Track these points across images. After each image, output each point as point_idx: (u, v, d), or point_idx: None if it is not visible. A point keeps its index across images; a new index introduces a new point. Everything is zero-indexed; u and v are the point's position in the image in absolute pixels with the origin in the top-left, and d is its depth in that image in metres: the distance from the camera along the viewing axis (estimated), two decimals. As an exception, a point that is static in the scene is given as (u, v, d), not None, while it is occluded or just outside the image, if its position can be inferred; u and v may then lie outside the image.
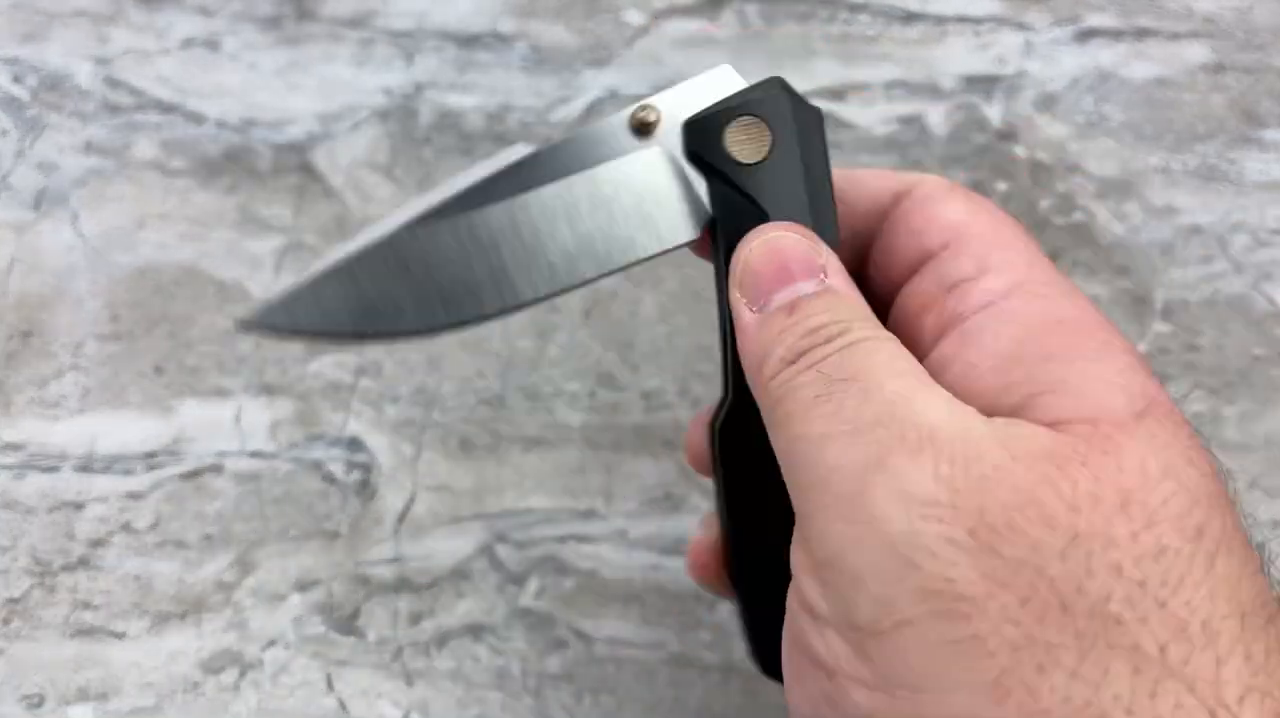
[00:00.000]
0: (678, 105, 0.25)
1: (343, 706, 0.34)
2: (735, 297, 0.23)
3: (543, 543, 0.36)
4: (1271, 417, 0.38)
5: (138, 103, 0.43)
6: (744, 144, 0.24)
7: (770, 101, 0.24)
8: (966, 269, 0.22)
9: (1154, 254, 0.41)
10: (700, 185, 0.25)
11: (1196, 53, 0.44)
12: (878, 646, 0.18)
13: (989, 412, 0.20)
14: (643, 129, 0.25)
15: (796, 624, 0.20)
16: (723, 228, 0.25)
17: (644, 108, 0.25)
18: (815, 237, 0.23)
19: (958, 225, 0.23)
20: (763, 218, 0.24)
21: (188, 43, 0.44)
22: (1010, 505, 0.17)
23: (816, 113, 0.25)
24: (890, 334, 0.21)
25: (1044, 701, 0.16)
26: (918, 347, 0.23)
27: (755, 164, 0.24)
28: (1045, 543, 0.17)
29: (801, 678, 0.20)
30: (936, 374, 0.21)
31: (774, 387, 0.21)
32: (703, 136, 0.24)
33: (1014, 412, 0.20)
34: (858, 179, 0.25)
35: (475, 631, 0.35)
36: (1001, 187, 0.41)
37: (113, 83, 0.43)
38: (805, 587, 0.20)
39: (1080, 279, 0.40)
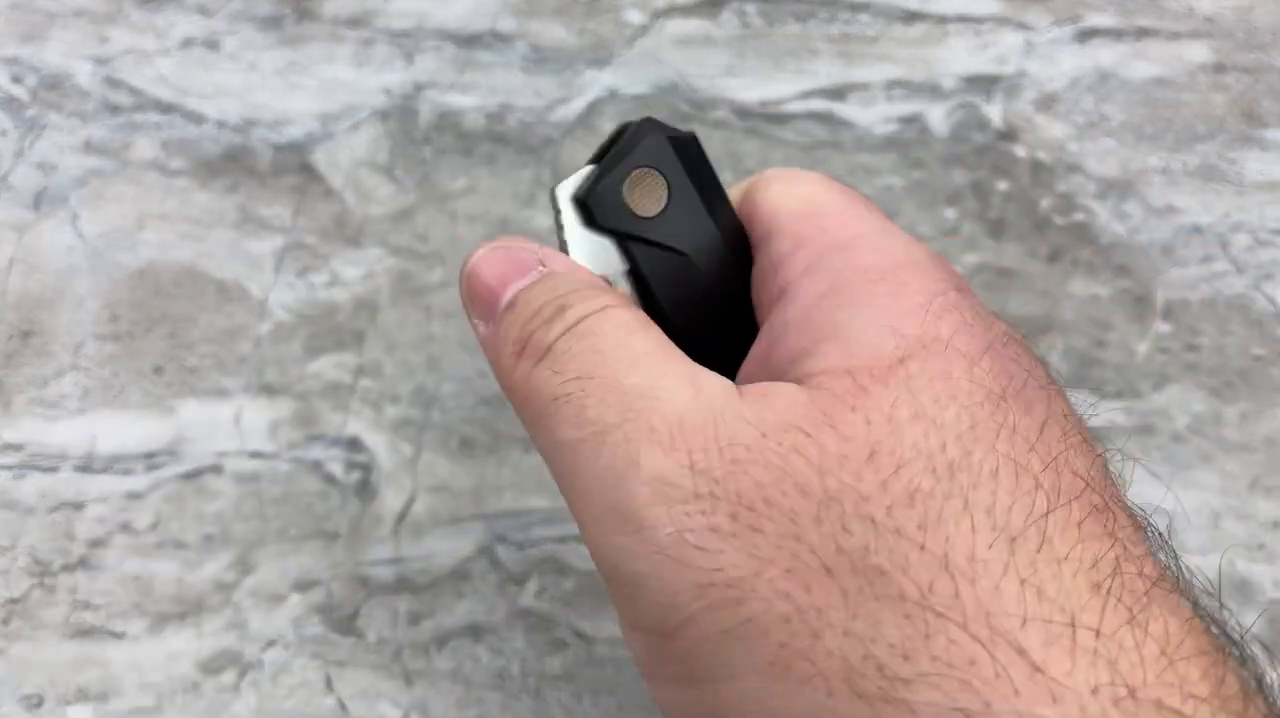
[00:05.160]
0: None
1: (342, 706, 0.34)
2: (472, 324, 0.23)
3: (543, 543, 0.36)
4: (1272, 416, 0.38)
5: (137, 103, 0.43)
6: (643, 198, 0.24)
7: (650, 147, 0.24)
8: (784, 246, 0.22)
9: (1154, 254, 0.41)
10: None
11: (1197, 53, 0.44)
12: (670, 645, 0.18)
13: (791, 370, 0.19)
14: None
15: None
16: (653, 281, 0.24)
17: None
18: (523, 240, 0.23)
19: (775, 209, 0.23)
20: (684, 259, 0.24)
21: (187, 43, 0.44)
22: (765, 483, 0.17)
23: (692, 136, 0.25)
24: (621, 302, 0.21)
25: (821, 664, 0.16)
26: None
27: (658, 215, 0.24)
28: (800, 511, 0.17)
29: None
30: (770, 348, 0.21)
31: (513, 389, 0.21)
32: (602, 205, 0.24)
33: (800, 365, 0.19)
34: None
35: (475, 631, 0.35)
36: (1002, 186, 0.41)
37: (112, 83, 0.43)
38: (610, 593, 0.20)
39: (1081, 279, 0.40)
